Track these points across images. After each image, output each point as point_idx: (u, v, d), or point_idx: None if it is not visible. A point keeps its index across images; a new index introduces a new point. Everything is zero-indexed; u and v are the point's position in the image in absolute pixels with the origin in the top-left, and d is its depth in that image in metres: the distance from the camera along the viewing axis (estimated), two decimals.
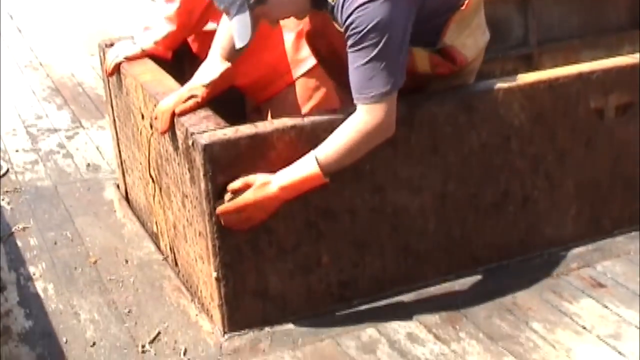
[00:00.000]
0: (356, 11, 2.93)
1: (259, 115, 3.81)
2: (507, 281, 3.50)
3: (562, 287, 3.45)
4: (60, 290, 3.58)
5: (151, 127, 3.48)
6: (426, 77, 3.29)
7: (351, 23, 2.94)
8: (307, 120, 3.10)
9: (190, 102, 3.22)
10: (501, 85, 3.41)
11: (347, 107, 3.13)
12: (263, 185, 3.01)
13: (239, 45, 3.09)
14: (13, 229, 4.11)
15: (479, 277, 3.54)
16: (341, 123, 3.05)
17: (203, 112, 3.21)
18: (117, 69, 3.86)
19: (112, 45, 4.01)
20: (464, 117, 3.34)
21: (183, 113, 3.19)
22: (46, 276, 3.70)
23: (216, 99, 3.32)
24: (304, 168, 3.03)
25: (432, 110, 3.29)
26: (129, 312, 3.42)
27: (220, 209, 3.03)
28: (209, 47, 3.42)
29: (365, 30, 2.92)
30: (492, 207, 3.51)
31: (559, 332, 3.18)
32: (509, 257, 3.62)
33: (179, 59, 3.94)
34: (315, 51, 3.44)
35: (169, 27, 3.79)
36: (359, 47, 2.95)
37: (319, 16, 3.20)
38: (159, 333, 3.27)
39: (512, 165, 3.49)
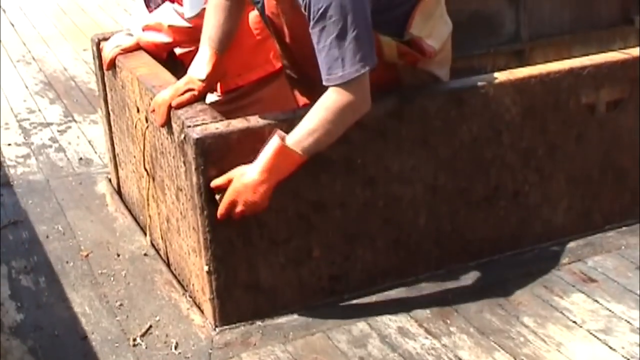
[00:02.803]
0: None
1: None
2: (498, 276, 3.51)
3: (553, 282, 3.46)
4: (51, 284, 3.59)
5: (147, 120, 3.48)
6: (394, 67, 3.24)
7: (309, 1, 2.90)
8: (299, 114, 3.09)
9: (187, 95, 3.22)
10: (492, 79, 3.42)
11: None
12: (240, 176, 2.98)
13: (188, 14, 3.10)
14: (5, 223, 4.11)
15: (470, 271, 3.54)
16: None
17: (199, 106, 3.21)
18: (114, 62, 3.85)
19: (105, 39, 4.00)
20: (454, 111, 3.34)
21: (180, 106, 3.19)
22: (38, 269, 3.70)
23: None
24: (269, 144, 2.97)
25: (422, 104, 3.30)
26: (120, 305, 3.42)
27: (219, 213, 3.01)
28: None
29: (323, 9, 2.86)
30: (483, 201, 3.52)
31: (549, 326, 3.19)
32: (500, 252, 3.63)
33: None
34: (276, 33, 3.32)
35: (166, 39, 3.79)
36: (321, 26, 2.89)
37: None
38: (150, 327, 3.27)
39: (503, 159, 3.50)
